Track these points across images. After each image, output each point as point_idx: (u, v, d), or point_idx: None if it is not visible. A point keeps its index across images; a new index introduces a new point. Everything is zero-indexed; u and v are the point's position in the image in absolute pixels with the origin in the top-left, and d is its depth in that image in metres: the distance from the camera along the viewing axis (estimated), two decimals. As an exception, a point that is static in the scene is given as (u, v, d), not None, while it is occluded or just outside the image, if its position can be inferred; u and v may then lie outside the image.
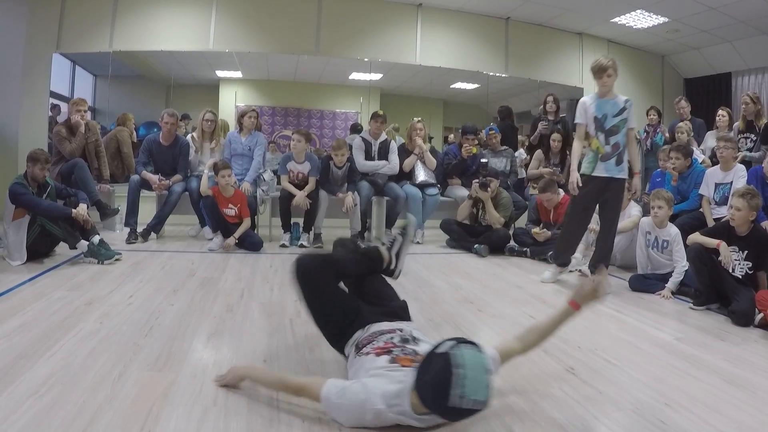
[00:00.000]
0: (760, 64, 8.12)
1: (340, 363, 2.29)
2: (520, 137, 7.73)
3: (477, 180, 5.56)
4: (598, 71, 3.99)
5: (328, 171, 5.79)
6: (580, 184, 4.04)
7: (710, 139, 5.90)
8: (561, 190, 5.48)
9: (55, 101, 6.94)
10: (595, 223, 4.97)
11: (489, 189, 5.47)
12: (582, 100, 4.14)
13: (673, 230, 4.14)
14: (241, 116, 6.03)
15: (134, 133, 6.75)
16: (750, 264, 3.55)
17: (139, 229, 5.38)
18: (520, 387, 2.21)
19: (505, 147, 6.55)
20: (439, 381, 1.63)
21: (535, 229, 5.32)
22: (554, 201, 5.31)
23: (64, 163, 5.39)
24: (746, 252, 3.55)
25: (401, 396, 1.74)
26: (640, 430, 1.88)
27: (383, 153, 6.07)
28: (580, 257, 4.85)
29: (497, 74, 8.40)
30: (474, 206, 5.69)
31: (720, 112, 5.97)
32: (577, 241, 4.46)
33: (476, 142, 6.29)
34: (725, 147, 4.63)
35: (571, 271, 4.70)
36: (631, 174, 4.17)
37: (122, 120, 6.64)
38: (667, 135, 6.61)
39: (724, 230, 3.66)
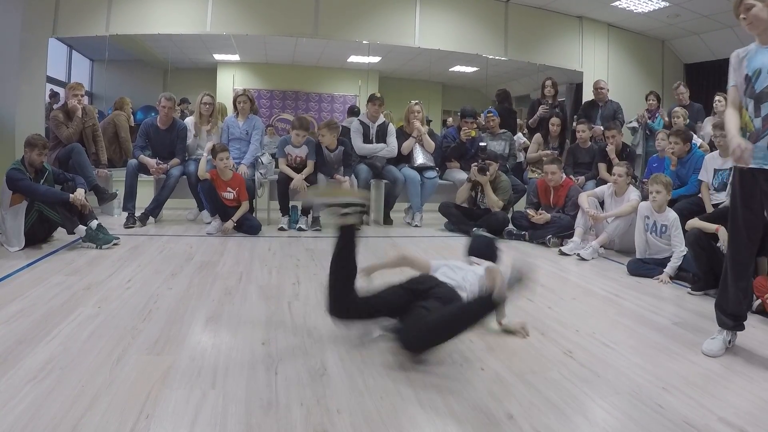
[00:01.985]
0: (761, 50, 8.05)
1: (338, 345, 2.36)
2: (519, 121, 7.71)
3: (476, 163, 5.54)
4: (735, 8, 2.54)
5: (321, 154, 5.77)
6: (746, 146, 2.31)
7: (708, 125, 5.88)
8: (563, 174, 5.45)
9: (54, 88, 6.88)
10: (594, 207, 4.98)
11: (488, 172, 5.46)
12: (735, 52, 2.63)
13: (671, 215, 4.13)
14: (234, 101, 6.02)
15: (131, 117, 6.71)
16: (749, 251, 3.54)
17: (137, 214, 5.37)
18: (518, 370, 2.23)
19: (503, 130, 6.54)
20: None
21: (531, 212, 5.31)
22: (557, 178, 5.27)
23: (61, 148, 5.37)
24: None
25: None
26: (637, 414, 1.89)
27: (381, 136, 6.05)
28: (579, 241, 4.85)
29: (496, 57, 8.33)
30: (473, 189, 5.68)
31: (717, 97, 5.91)
32: (747, 280, 2.60)
33: (475, 125, 6.27)
34: (722, 135, 4.58)
35: (568, 255, 4.70)
36: None
37: (119, 104, 6.61)
38: (666, 119, 6.60)
39: (723, 217, 3.65)
